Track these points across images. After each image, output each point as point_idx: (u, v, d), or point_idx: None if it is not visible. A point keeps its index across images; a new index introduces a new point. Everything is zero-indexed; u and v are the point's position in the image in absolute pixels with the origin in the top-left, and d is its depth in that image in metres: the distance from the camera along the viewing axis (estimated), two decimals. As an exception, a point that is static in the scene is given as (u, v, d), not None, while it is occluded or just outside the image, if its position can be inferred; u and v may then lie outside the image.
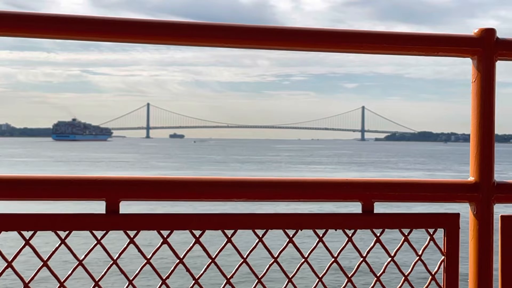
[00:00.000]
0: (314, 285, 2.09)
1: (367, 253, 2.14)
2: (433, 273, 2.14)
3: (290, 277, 2.07)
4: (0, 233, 1.87)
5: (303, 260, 2.08)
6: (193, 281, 2.00)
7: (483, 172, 2.15)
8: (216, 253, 2.02)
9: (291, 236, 2.08)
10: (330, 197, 2.14)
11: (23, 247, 1.88)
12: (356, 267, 2.14)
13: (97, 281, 1.95)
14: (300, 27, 2.12)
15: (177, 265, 1.98)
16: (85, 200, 1.96)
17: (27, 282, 1.90)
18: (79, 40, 2.02)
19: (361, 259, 2.13)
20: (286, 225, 2.06)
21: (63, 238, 1.92)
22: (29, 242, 1.89)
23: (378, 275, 2.14)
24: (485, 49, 2.15)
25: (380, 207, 2.14)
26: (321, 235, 2.09)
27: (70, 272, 1.90)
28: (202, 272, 2.01)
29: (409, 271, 2.12)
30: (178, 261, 1.99)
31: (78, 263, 1.92)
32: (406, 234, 2.13)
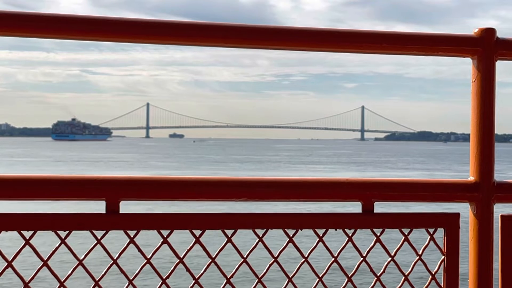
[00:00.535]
0: (314, 285, 2.09)
1: (367, 252, 2.14)
2: (433, 273, 2.14)
3: (290, 276, 2.07)
4: (0, 232, 1.87)
5: (303, 260, 2.08)
6: (193, 281, 1.99)
7: (483, 172, 2.15)
8: (216, 253, 2.02)
9: (291, 235, 2.08)
10: (330, 197, 2.14)
11: (23, 247, 1.88)
12: (356, 267, 2.14)
13: (97, 281, 1.95)
14: (300, 27, 2.12)
15: (177, 264, 1.98)
16: (85, 200, 1.96)
17: (27, 282, 1.90)
18: (78, 40, 2.02)
19: (361, 258, 2.13)
20: (286, 225, 2.06)
21: (63, 238, 1.92)
22: (29, 242, 1.89)
23: (378, 275, 2.14)
24: (485, 49, 2.15)
25: (380, 207, 2.14)
26: (321, 235, 2.09)
27: (70, 272, 1.90)
28: (202, 272, 2.01)
29: (409, 270, 2.12)
30: (178, 261, 1.99)
31: (78, 263, 1.91)
32: (406, 234, 2.13)
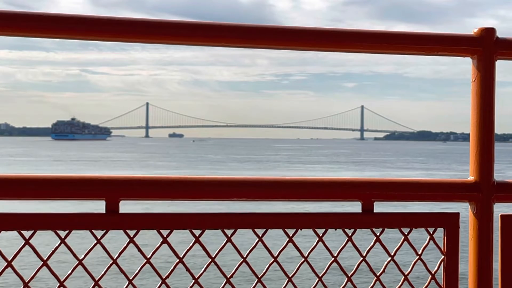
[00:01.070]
0: (314, 285, 2.08)
1: (367, 252, 2.13)
2: (433, 273, 2.14)
3: (290, 276, 2.07)
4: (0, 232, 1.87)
5: (303, 259, 2.08)
6: (193, 281, 1.99)
7: (483, 171, 2.14)
8: (216, 252, 2.02)
9: (291, 235, 2.08)
10: (330, 197, 2.14)
11: (23, 247, 1.88)
12: (356, 267, 2.14)
13: (97, 280, 1.95)
14: (299, 27, 2.12)
15: (177, 264, 1.98)
16: (85, 199, 1.96)
17: (26, 281, 1.90)
18: (78, 39, 2.01)
19: (361, 258, 2.13)
20: (286, 225, 2.06)
21: (63, 237, 1.92)
22: (29, 241, 1.89)
23: (378, 274, 2.14)
24: (485, 48, 2.15)
25: (380, 207, 2.13)
26: (320, 235, 2.08)
27: (70, 271, 1.90)
28: (202, 271, 2.01)
29: (409, 270, 2.12)
30: (178, 260, 1.99)
31: (78, 262, 1.91)
32: (406, 233, 2.13)
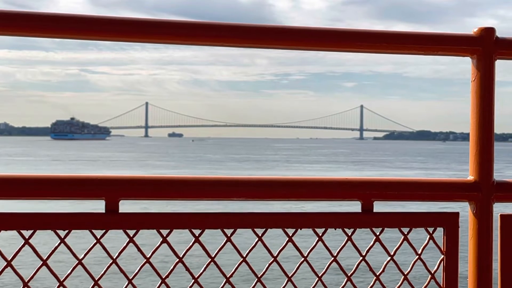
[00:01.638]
0: (313, 285, 2.08)
1: (367, 252, 2.13)
2: (432, 272, 2.14)
3: (289, 276, 2.07)
4: (-1, 232, 1.87)
5: (303, 259, 2.08)
6: (193, 280, 1.99)
7: (482, 171, 2.14)
8: (215, 252, 2.02)
9: (290, 235, 2.08)
10: (329, 196, 2.14)
11: (23, 246, 1.88)
12: (355, 266, 2.14)
13: (96, 280, 1.95)
14: (299, 26, 2.11)
15: (177, 264, 1.98)
16: (84, 199, 1.96)
17: (26, 281, 1.90)
18: (78, 39, 2.01)
19: (361, 258, 2.13)
20: (285, 224, 2.05)
21: (63, 237, 1.92)
22: (29, 241, 1.89)
23: (377, 274, 2.14)
24: (484, 48, 2.15)
25: (379, 206, 2.13)
26: (320, 234, 2.08)
27: (69, 271, 1.90)
28: (201, 271, 2.01)
29: (409, 270, 2.12)
30: (177, 260, 1.99)
31: (77, 262, 1.91)
32: (405, 233, 2.13)
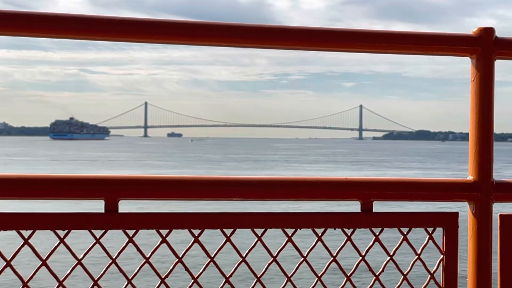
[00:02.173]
0: (313, 285, 2.08)
1: (366, 252, 2.13)
2: (432, 272, 2.14)
3: (289, 276, 2.07)
4: (-1, 232, 1.87)
5: (302, 259, 2.08)
6: (192, 280, 1.99)
7: (482, 171, 2.14)
8: (215, 252, 2.02)
9: (290, 235, 2.08)
10: (328, 196, 2.14)
11: (22, 246, 1.88)
12: (355, 266, 2.14)
13: (96, 280, 1.95)
14: (298, 26, 2.11)
15: (176, 264, 1.98)
16: (84, 199, 1.96)
17: (26, 281, 1.90)
18: (77, 39, 2.01)
19: (360, 258, 2.13)
20: (285, 224, 2.06)
21: (62, 237, 1.92)
22: (28, 241, 1.88)
23: (377, 274, 2.14)
24: (484, 48, 2.15)
25: (379, 206, 2.13)
26: (320, 234, 2.08)
27: (69, 271, 1.90)
28: (201, 271, 2.01)
29: (408, 270, 2.12)
30: (177, 260, 1.99)
31: (77, 262, 1.91)
32: (405, 233, 2.13)
